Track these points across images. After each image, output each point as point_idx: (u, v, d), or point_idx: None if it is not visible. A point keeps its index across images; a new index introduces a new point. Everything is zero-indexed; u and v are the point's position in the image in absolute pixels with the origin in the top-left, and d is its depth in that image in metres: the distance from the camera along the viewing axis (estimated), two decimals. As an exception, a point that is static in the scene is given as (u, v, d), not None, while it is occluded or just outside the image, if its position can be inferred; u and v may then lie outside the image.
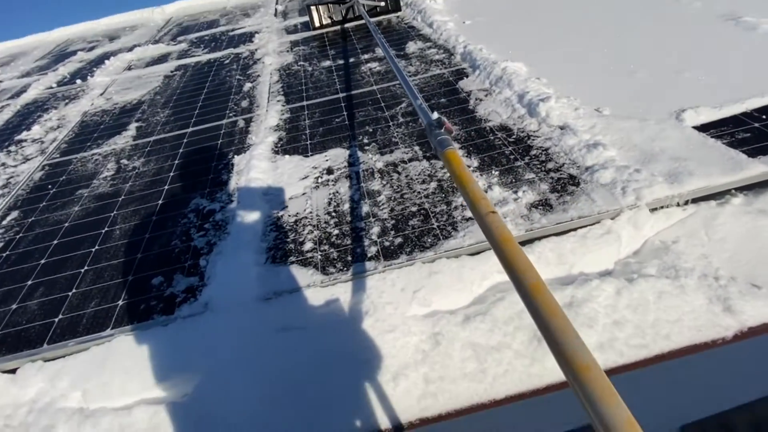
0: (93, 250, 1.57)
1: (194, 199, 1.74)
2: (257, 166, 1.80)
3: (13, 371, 1.18)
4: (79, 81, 3.50)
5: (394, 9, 3.45)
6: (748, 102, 1.56)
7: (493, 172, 1.51)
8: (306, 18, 3.90)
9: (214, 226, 1.57)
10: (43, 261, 1.56)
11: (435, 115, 1.13)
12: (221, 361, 1.11)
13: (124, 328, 1.22)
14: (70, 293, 1.39)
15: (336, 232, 1.42)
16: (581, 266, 1.24)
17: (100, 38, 4.97)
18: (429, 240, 1.31)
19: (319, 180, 1.69)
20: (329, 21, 3.48)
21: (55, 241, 1.66)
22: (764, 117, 1.49)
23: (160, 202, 1.78)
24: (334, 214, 1.50)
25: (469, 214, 1.37)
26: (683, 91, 1.70)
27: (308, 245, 1.38)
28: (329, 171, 1.73)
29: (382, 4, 3.43)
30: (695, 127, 1.50)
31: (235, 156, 1.97)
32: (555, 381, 1.08)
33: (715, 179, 1.29)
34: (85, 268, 1.49)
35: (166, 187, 1.87)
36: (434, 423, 1.05)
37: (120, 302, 1.32)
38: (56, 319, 1.29)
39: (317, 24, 3.47)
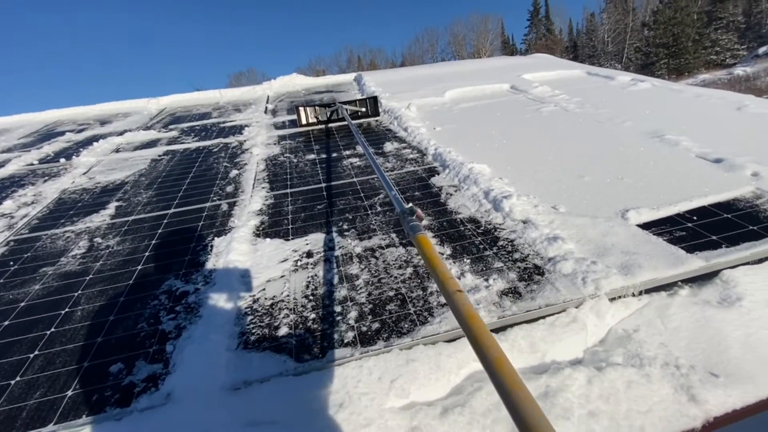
0: (48, 332, 1.47)
1: (168, 281, 1.71)
2: (237, 249, 1.83)
3: None
4: (63, 160, 3.56)
5: (373, 114, 3.89)
6: (680, 205, 1.80)
7: (465, 260, 1.61)
8: (294, 116, 4.31)
9: (186, 308, 1.53)
10: (-13, 345, 1.43)
11: (408, 205, 1.26)
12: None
13: (70, 422, 1.10)
14: (12, 381, 1.26)
15: (313, 316, 1.42)
16: (552, 354, 1.28)
17: (92, 122, 5.20)
18: (406, 325, 1.33)
19: (299, 263, 1.72)
20: (315, 120, 3.84)
21: (6, 322, 1.54)
22: (695, 218, 1.72)
23: (130, 282, 1.73)
24: (311, 297, 1.51)
25: (444, 300, 1.42)
26: (624, 194, 1.95)
27: (283, 330, 1.36)
28: (309, 254, 1.78)
29: (363, 109, 3.87)
30: (639, 225, 1.70)
31: (216, 238, 2.00)
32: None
33: (662, 272, 1.43)
34: (35, 352, 1.37)
35: (139, 267, 1.84)
36: None
37: (70, 392, 1.20)
38: (-10, 413, 1.15)
39: (303, 122, 3.82)
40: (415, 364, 1.21)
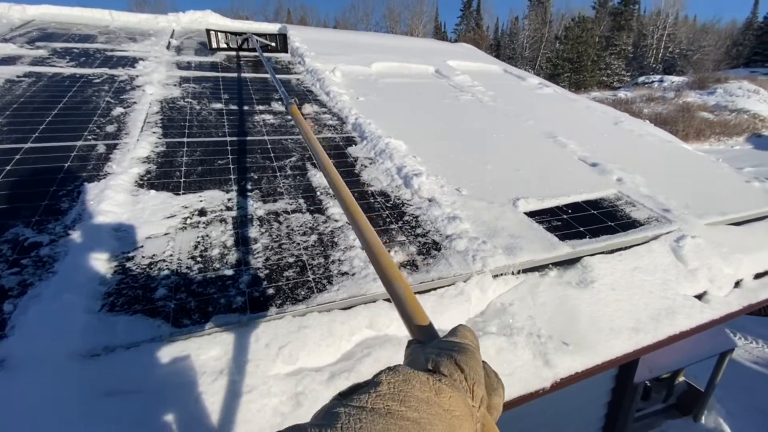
0: None
1: (13, 228, 1.40)
2: (112, 198, 1.56)
3: None
4: None
5: (282, 50, 4.21)
6: (560, 198, 2.05)
7: (370, 231, 1.62)
8: (202, 57, 3.81)
9: (36, 262, 1.27)
10: None
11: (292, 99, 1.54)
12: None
13: None
14: None
15: (199, 278, 1.29)
16: (439, 323, 1.36)
17: None
18: (303, 293, 1.29)
19: (188, 221, 1.55)
20: (225, 45, 3.86)
21: None
22: (569, 211, 1.97)
23: (-45, 226, 1.37)
24: (199, 259, 1.37)
25: (345, 268, 1.41)
26: (518, 184, 2.15)
27: (161, 292, 1.22)
28: (202, 212, 1.61)
29: (273, 44, 4.14)
30: (526, 213, 1.89)
31: (86, 184, 1.69)
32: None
33: (538, 255, 1.62)
34: None
35: (-30, 208, 1.47)
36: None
37: None
38: None
39: (213, 45, 3.82)
40: (306, 331, 1.19)
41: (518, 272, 1.58)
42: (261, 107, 2.83)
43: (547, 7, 40.91)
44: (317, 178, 1.96)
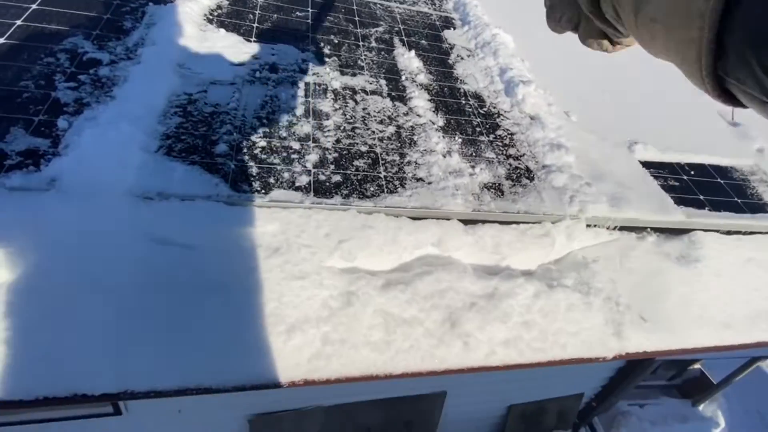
0: None
1: (72, 38, 1.25)
2: (179, 27, 1.36)
3: None
4: None
5: None
6: (686, 155, 1.67)
7: (456, 138, 1.37)
8: None
9: (94, 81, 1.14)
10: None
11: None
12: (59, 270, 0.79)
13: None
14: None
15: (262, 144, 1.14)
16: (510, 260, 1.20)
17: None
18: (372, 189, 1.13)
19: (257, 74, 1.34)
20: None
21: None
22: (692, 173, 1.61)
23: (15, 22, 1.23)
24: (265, 121, 1.20)
25: (421, 173, 1.21)
26: (640, 125, 1.75)
27: (222, 147, 1.08)
28: (273, 68, 1.39)
29: None
30: (641, 162, 1.55)
31: (151, 4, 1.47)
32: (455, 366, 1.04)
33: (645, 215, 1.35)
34: None
35: (31, 5, 1.31)
36: (319, 386, 0.94)
37: None
38: None
39: None
40: (370, 231, 1.06)
41: (615, 228, 1.34)
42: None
43: None
44: (404, 59, 1.65)
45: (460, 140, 1.37)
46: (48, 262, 0.79)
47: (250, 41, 1.47)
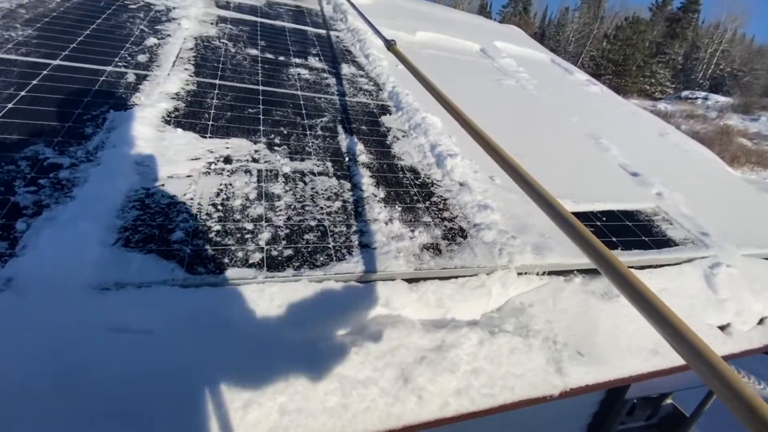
0: None
1: (34, 146, 1.36)
2: (138, 131, 1.51)
3: None
4: None
5: None
6: (596, 204, 1.95)
7: (396, 207, 1.55)
8: None
9: (54, 185, 1.23)
10: None
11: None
12: (14, 361, 0.81)
13: None
14: None
15: (217, 227, 1.24)
16: (455, 312, 1.31)
17: None
18: (321, 259, 1.24)
19: (213, 167, 1.49)
20: None
21: None
22: (604, 219, 1.87)
23: (-22, 134, 1.33)
24: (220, 207, 1.32)
25: (366, 240, 1.35)
26: (554, 182, 2.03)
27: (178, 234, 1.18)
28: (227, 160, 1.54)
29: None
30: (559, 214, 1.79)
31: (112, 111, 1.63)
32: (411, 422, 1.08)
33: (568, 259, 1.54)
34: None
35: (-6, 118, 1.42)
36: (279, 461, 0.94)
37: None
38: None
39: None
40: (321, 298, 1.14)
41: (543, 273, 1.51)
42: (298, 60, 2.71)
43: (602, 1, 38.72)
44: (347, 142, 1.88)
45: (399, 208, 1.55)
46: (4, 357, 0.81)
47: (206, 137, 1.64)
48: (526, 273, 1.49)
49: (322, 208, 1.45)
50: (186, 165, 1.46)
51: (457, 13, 6.14)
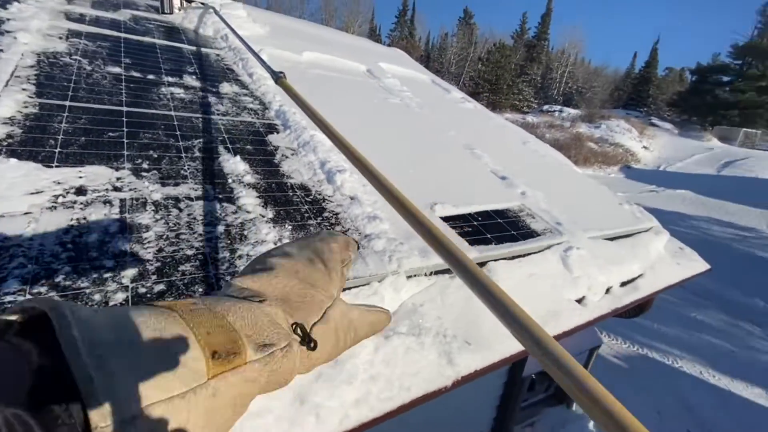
0: None
1: None
2: (-51, 163, 1.23)
3: None
4: None
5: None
6: (473, 206, 2.18)
7: (287, 225, 1.53)
8: (100, 12, 3.28)
9: None
10: None
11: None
12: None
13: None
14: None
15: (68, 269, 1.07)
16: (351, 324, 1.34)
17: None
18: (201, 289, 1.15)
19: (60, 200, 1.29)
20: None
21: None
22: (480, 219, 2.10)
23: None
24: (71, 246, 1.14)
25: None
26: (437, 190, 2.23)
27: (11, 284, 0.98)
28: (80, 191, 1.35)
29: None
30: (441, 217, 1.97)
31: None
32: (311, 444, 1.06)
33: (450, 258, 1.69)
34: None
35: None
36: None
37: None
38: None
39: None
40: (202, 332, 1.06)
41: (431, 273, 1.63)
42: (171, 79, 2.52)
43: (474, 29, 44.07)
44: (231, 163, 1.80)
45: (290, 227, 1.53)
46: None
47: (51, 167, 1.41)
48: (415, 275, 1.59)
49: (201, 234, 1.35)
50: (23, 200, 1.23)
51: (345, 36, 6.38)
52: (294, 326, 0.39)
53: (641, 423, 0.44)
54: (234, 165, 1.78)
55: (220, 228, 1.41)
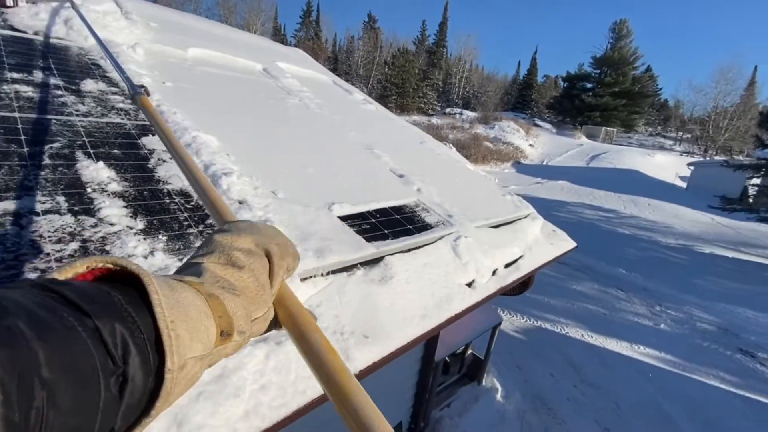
0: None
1: None
2: None
3: None
4: None
5: None
6: (371, 204, 2.24)
7: (160, 236, 1.39)
8: None
9: None
10: None
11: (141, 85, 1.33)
12: None
13: None
14: None
15: None
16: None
17: None
18: (44, 317, 0.99)
19: None
20: None
21: None
22: (378, 216, 2.17)
23: None
24: None
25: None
26: (335, 189, 2.24)
27: None
28: None
29: None
30: (339, 217, 1.98)
31: None
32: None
33: (346, 256, 1.71)
34: None
35: None
36: None
37: None
38: None
39: None
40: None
41: (327, 273, 1.64)
42: (16, 75, 2.11)
43: (379, 33, 45.37)
44: (91, 170, 1.58)
45: (165, 238, 1.39)
46: None
47: None
48: (311, 277, 1.58)
49: (49, 253, 1.16)
50: None
51: (242, 34, 6.05)
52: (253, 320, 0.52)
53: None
54: (95, 172, 1.57)
55: (74, 245, 1.22)
